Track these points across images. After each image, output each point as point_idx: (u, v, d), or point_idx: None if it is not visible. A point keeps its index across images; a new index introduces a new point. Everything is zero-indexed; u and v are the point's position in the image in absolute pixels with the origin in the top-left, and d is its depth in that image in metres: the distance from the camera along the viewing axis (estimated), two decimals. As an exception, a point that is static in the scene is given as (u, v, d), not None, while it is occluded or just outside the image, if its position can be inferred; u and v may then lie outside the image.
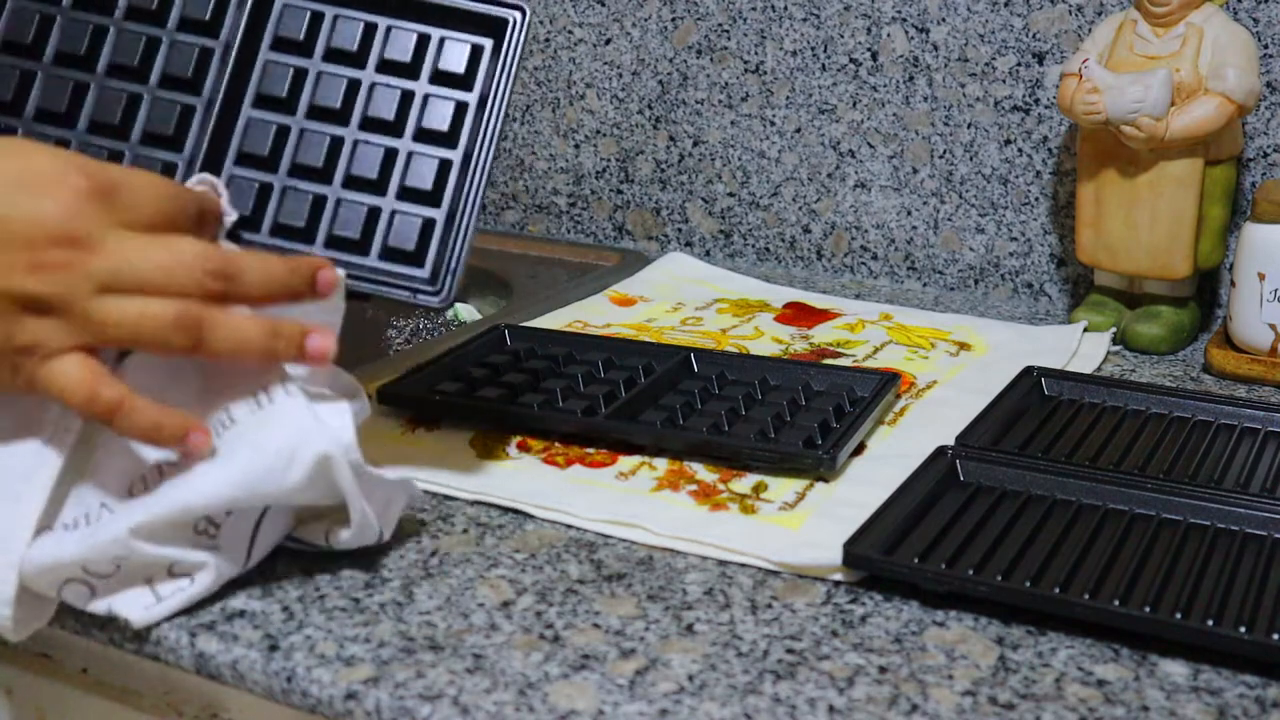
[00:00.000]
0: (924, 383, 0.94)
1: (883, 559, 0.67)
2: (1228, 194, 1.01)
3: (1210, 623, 0.61)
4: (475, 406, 0.86)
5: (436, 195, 0.73)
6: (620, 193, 1.31)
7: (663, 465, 0.80)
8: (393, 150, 0.74)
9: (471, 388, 0.88)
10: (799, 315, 1.09)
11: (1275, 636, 0.60)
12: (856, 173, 1.20)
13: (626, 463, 0.81)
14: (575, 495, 0.76)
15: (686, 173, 1.28)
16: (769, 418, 0.82)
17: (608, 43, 1.28)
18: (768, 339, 1.03)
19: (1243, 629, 0.60)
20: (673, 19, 1.24)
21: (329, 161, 0.74)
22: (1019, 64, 1.11)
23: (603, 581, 0.68)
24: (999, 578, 0.65)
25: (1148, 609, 0.62)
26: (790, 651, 0.62)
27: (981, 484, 0.76)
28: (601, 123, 1.30)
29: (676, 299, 1.13)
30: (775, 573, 0.69)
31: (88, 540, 0.61)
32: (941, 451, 0.78)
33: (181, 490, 0.62)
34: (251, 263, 0.61)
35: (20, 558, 0.61)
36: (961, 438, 0.81)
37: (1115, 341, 1.04)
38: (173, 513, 0.62)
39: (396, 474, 0.68)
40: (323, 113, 0.75)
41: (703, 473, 0.79)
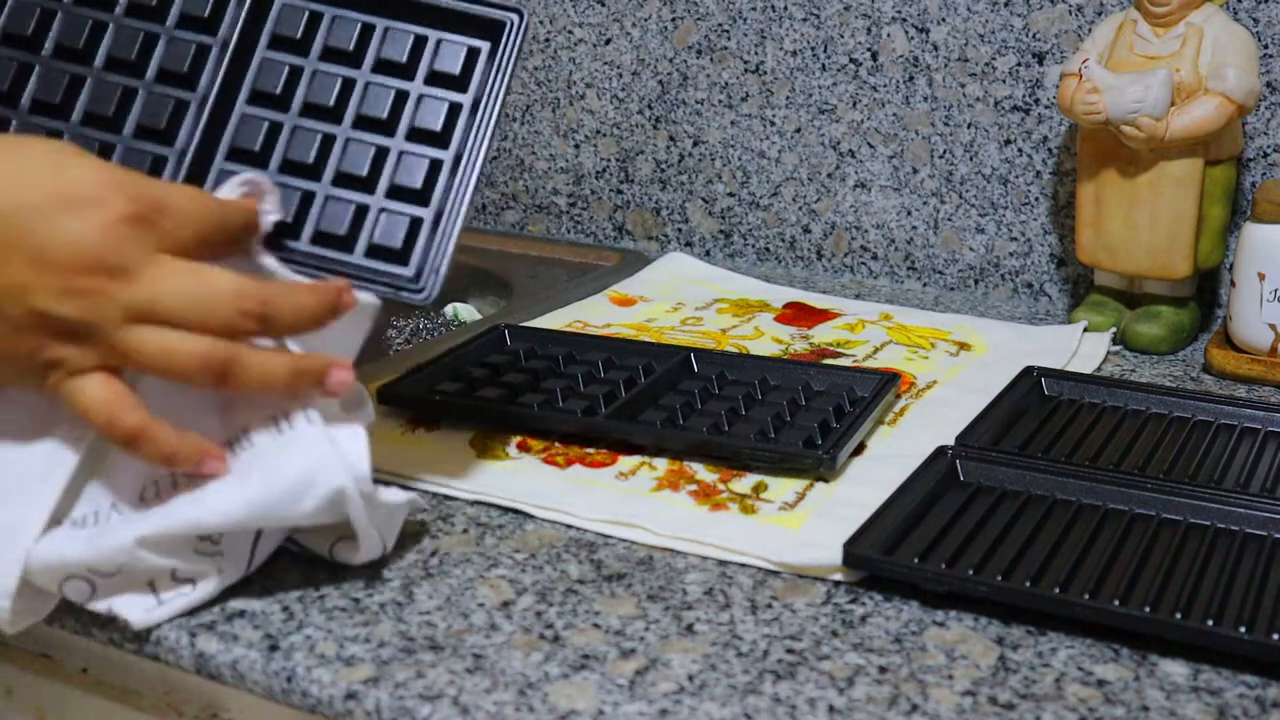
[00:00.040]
0: (924, 383, 0.94)
1: (883, 559, 0.67)
2: (1228, 194, 1.01)
3: (1210, 623, 0.61)
4: (475, 406, 0.86)
5: (426, 194, 0.73)
6: (620, 193, 1.31)
7: (663, 465, 0.80)
8: (384, 149, 0.74)
9: (471, 388, 0.88)
10: (799, 315, 1.09)
11: (1275, 636, 0.60)
12: (856, 173, 1.20)
13: (626, 463, 0.81)
14: (575, 495, 0.76)
15: (686, 173, 1.28)
16: (769, 418, 0.82)
17: (608, 43, 1.28)
18: (768, 339, 1.03)
19: (1243, 629, 0.60)
20: (673, 19, 1.24)
21: (320, 158, 0.74)
22: (1019, 64, 1.11)
23: (603, 581, 0.68)
24: (999, 578, 0.65)
25: (1148, 609, 0.62)
26: (790, 651, 0.62)
27: (981, 484, 0.76)
28: (601, 123, 1.30)
29: (676, 299, 1.13)
30: (775, 573, 0.69)
31: (94, 543, 0.61)
32: (941, 451, 0.78)
33: (193, 507, 0.62)
34: (284, 301, 0.61)
35: (26, 552, 0.61)
36: (961, 438, 0.81)
37: (1115, 341, 1.04)
38: (182, 528, 0.62)
39: (402, 497, 0.69)
40: (316, 110, 0.75)
41: (703, 473, 0.79)
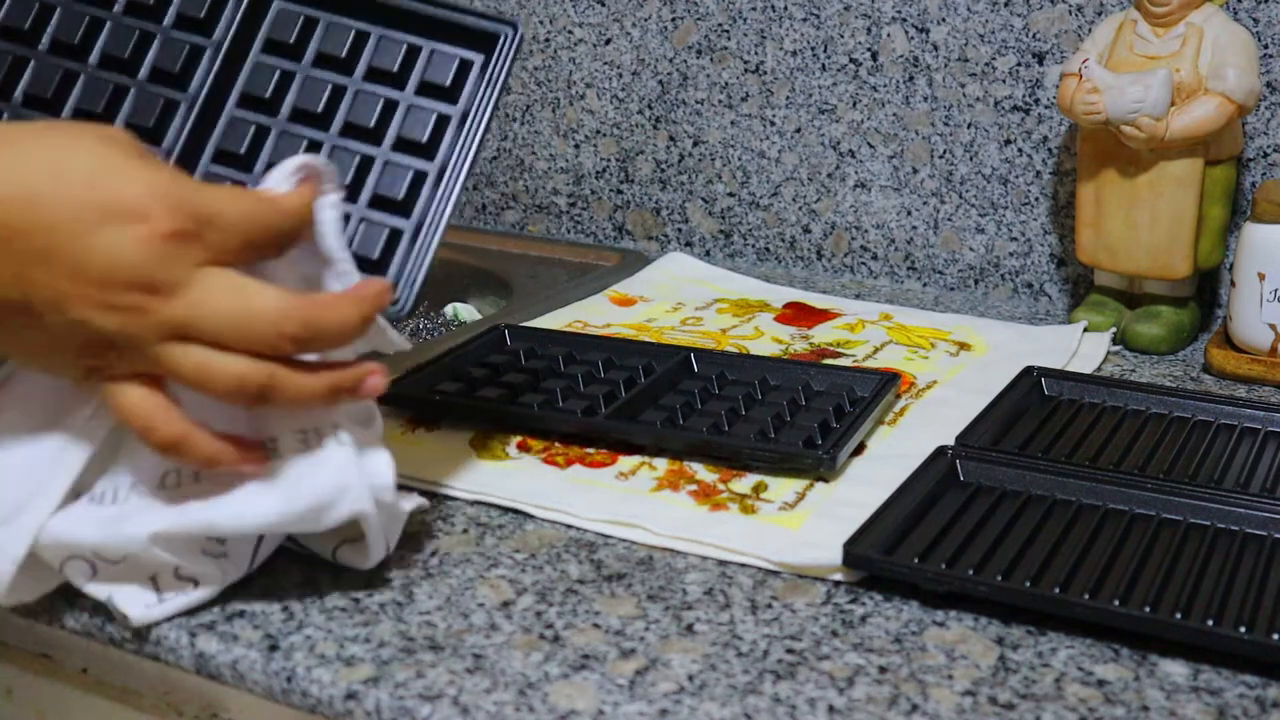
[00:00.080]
0: (924, 383, 0.94)
1: (883, 559, 0.67)
2: (1228, 194, 1.01)
3: (1210, 623, 0.61)
4: (475, 406, 0.86)
5: (407, 205, 0.72)
6: (620, 193, 1.31)
7: (663, 465, 0.80)
8: (369, 157, 0.74)
9: (471, 388, 0.88)
10: (799, 315, 1.09)
11: (1275, 636, 0.60)
12: (856, 173, 1.20)
13: (626, 463, 0.81)
14: (575, 495, 0.76)
15: (686, 173, 1.28)
16: (769, 418, 0.82)
17: (608, 43, 1.28)
18: (768, 339, 1.03)
19: (1243, 629, 0.60)
20: (673, 19, 1.24)
21: None
22: (1019, 64, 1.11)
23: (603, 581, 0.68)
24: (999, 578, 0.65)
25: (1148, 609, 0.62)
26: (790, 651, 0.62)
27: (981, 484, 0.76)
28: (601, 123, 1.30)
29: (676, 299, 1.13)
30: (775, 573, 0.69)
31: (108, 529, 0.61)
32: (941, 451, 0.78)
33: (211, 510, 0.62)
34: (328, 317, 0.59)
35: (39, 525, 0.61)
36: (961, 438, 0.81)
37: (1115, 341, 1.04)
38: (199, 528, 0.62)
39: (410, 502, 0.69)
40: (304, 116, 0.75)
41: (703, 473, 0.79)
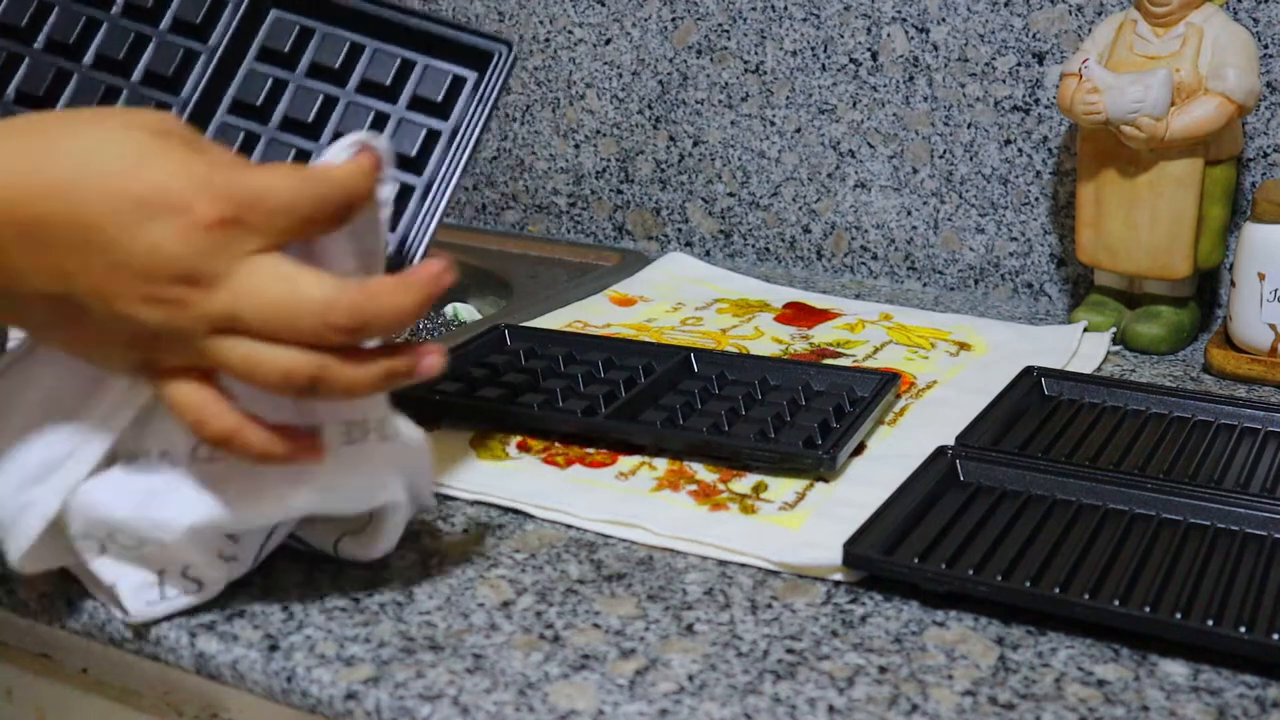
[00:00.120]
0: (924, 383, 0.94)
1: (883, 559, 0.67)
2: (1228, 194, 1.01)
3: (1210, 623, 0.61)
4: (475, 406, 0.86)
5: (393, 220, 0.72)
6: (620, 193, 1.31)
7: (663, 465, 0.80)
8: None
9: (471, 388, 0.88)
10: (799, 315, 1.09)
11: (1275, 636, 0.60)
12: (856, 173, 1.20)
13: (626, 463, 0.81)
14: (575, 495, 0.76)
15: (686, 173, 1.28)
16: (769, 418, 0.82)
17: (608, 43, 1.28)
18: (768, 339, 1.03)
19: (1243, 629, 0.60)
20: (673, 19, 1.24)
21: None
22: (1019, 64, 1.11)
23: (603, 581, 0.68)
24: (999, 578, 0.65)
25: (1148, 609, 0.62)
26: (790, 651, 0.62)
27: (981, 484, 0.76)
28: (601, 123, 1.30)
29: (676, 299, 1.13)
30: (775, 573, 0.69)
31: (141, 510, 0.60)
32: (941, 451, 0.78)
33: (248, 504, 0.61)
34: (379, 307, 0.57)
35: (71, 486, 0.60)
36: (961, 438, 0.81)
37: (1115, 341, 1.04)
38: (229, 521, 0.61)
39: (429, 499, 0.69)
40: (295, 125, 0.75)
41: (703, 473, 0.79)
